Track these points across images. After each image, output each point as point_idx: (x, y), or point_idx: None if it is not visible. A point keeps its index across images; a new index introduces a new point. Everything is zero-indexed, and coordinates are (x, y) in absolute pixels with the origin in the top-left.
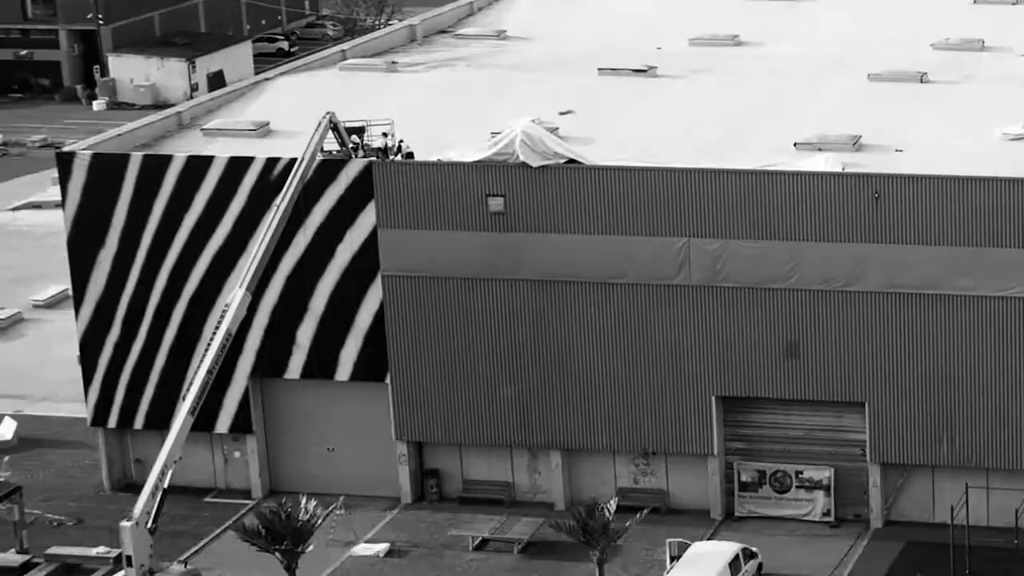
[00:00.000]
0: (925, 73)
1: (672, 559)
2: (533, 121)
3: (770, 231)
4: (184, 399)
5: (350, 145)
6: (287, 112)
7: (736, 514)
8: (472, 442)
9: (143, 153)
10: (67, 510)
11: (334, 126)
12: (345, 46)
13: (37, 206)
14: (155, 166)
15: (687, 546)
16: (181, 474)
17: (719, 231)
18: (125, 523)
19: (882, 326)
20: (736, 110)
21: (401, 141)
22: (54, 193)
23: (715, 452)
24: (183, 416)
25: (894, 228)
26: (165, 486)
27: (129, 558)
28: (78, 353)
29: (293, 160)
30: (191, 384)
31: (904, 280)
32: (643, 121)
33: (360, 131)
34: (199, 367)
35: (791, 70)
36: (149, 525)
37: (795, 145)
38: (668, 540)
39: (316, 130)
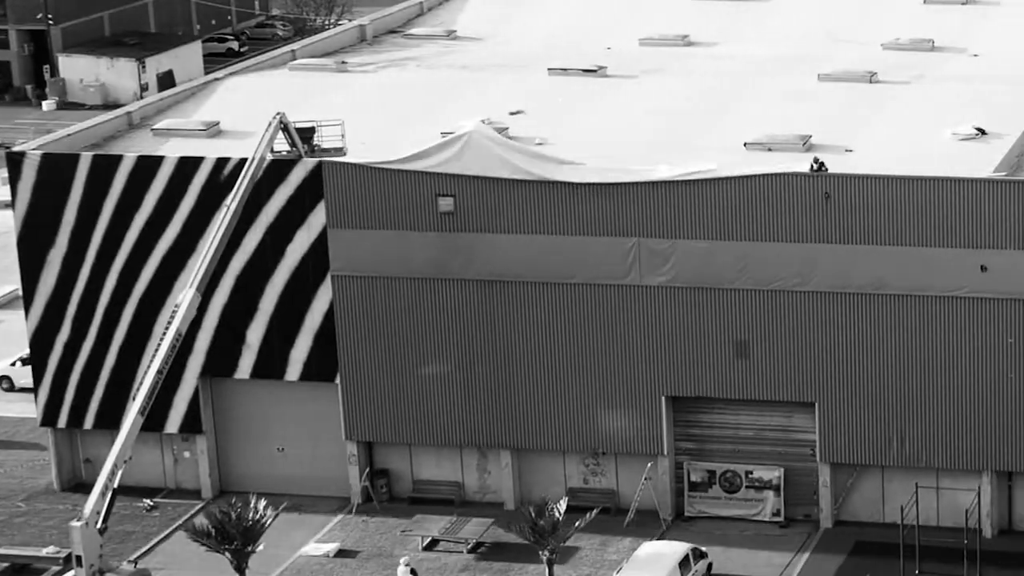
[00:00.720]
0: (875, 73)
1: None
2: (483, 122)
3: (720, 231)
4: (134, 399)
5: (301, 146)
6: (237, 112)
7: (686, 514)
8: (422, 442)
9: (93, 153)
10: (17, 510)
11: (284, 126)
12: (295, 46)
13: None
14: (105, 166)
15: None
16: (130, 474)
17: (669, 231)
18: (75, 523)
19: (832, 326)
20: (686, 110)
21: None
22: (4, 193)
23: (665, 452)
24: (133, 416)
25: (844, 228)
26: (115, 486)
27: (79, 558)
28: (28, 352)
29: (243, 160)
30: (141, 384)
31: (854, 280)
32: (593, 121)
33: (311, 131)
34: (149, 367)
35: (741, 70)
36: (99, 525)
37: (745, 145)
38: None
39: (266, 130)
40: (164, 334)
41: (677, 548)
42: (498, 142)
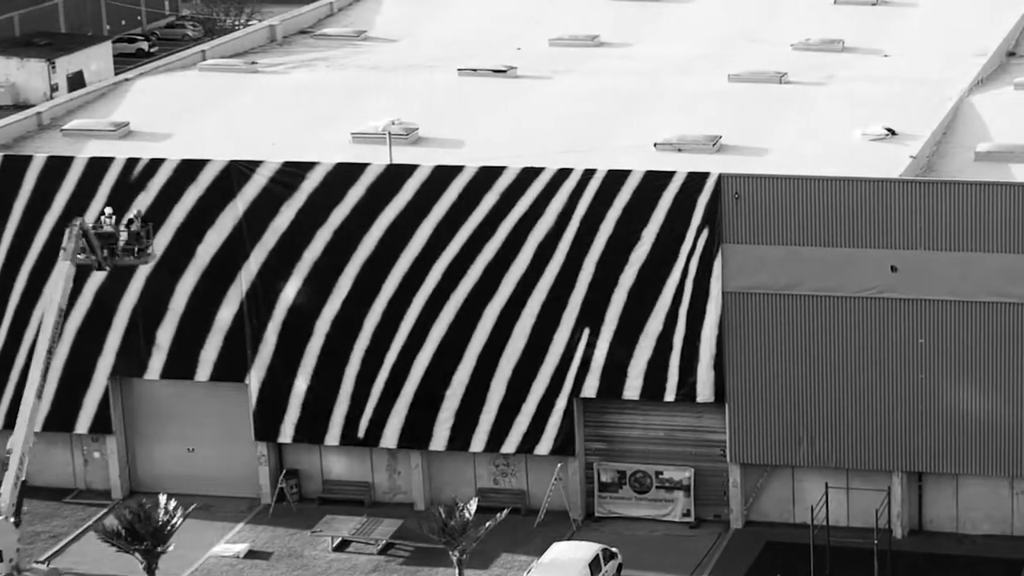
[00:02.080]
0: (785, 74)
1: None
2: (393, 123)
3: None
4: (29, 383)
5: (100, 255)
6: (147, 113)
7: (596, 515)
8: (331, 442)
9: (3, 154)
10: None
11: (84, 232)
12: (205, 47)
13: None
14: (15, 166)
15: None
16: (41, 474)
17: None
18: None
19: (741, 326)
20: (596, 111)
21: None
22: None
23: (575, 453)
24: (31, 401)
25: (754, 228)
26: (23, 477)
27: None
28: None
29: (154, 161)
30: (33, 367)
31: (763, 280)
32: (503, 122)
33: (112, 238)
34: (36, 348)
35: (651, 70)
36: (12, 519)
37: (655, 146)
38: None
39: (68, 238)
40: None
41: (587, 549)
42: None
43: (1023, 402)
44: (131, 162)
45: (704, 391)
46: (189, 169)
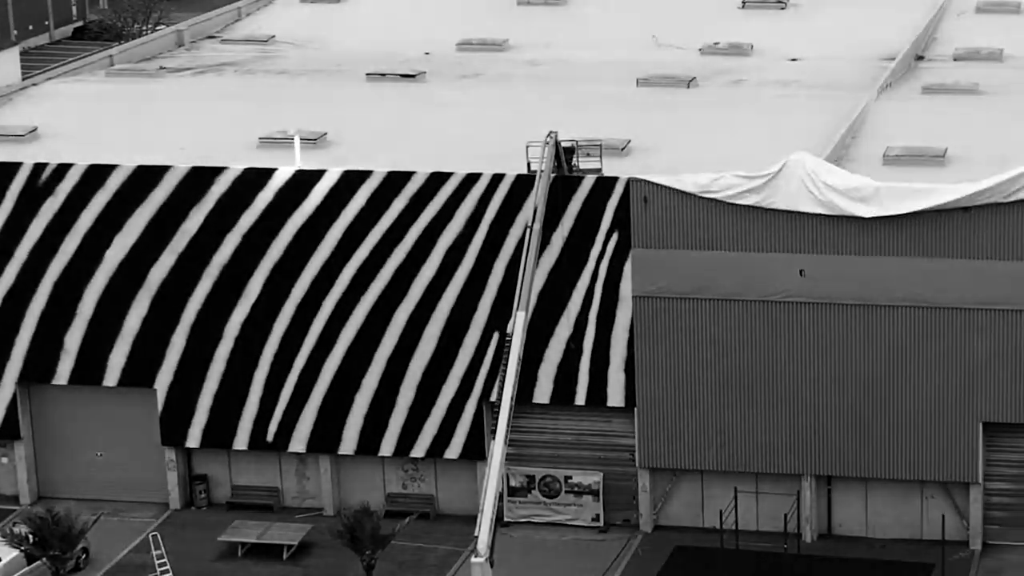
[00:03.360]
0: (693, 78)
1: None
2: (295, 132)
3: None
4: None
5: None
6: (55, 117)
7: (505, 519)
8: (239, 447)
9: None
10: None
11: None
12: (113, 51)
13: None
14: None
15: None
16: None
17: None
18: None
19: (650, 330)
20: (505, 115)
21: None
22: None
23: (485, 457)
24: None
25: (663, 232)
26: None
27: None
28: None
29: (62, 166)
30: None
31: (673, 284)
32: (411, 126)
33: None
34: None
35: (560, 75)
36: None
37: (565, 150)
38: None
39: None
40: None
41: None
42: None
43: (932, 406)
44: (39, 167)
45: (614, 395)
46: (97, 174)
